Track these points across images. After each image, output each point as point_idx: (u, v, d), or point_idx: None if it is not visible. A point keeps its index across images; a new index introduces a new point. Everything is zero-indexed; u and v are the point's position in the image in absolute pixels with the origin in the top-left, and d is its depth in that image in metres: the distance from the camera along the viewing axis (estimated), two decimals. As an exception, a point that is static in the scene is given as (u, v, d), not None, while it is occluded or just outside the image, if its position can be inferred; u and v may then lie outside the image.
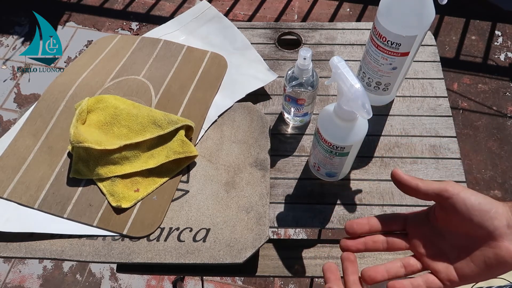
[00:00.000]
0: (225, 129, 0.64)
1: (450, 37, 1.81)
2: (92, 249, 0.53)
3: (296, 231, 1.37)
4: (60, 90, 0.67)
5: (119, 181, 0.57)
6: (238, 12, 1.93)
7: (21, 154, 0.61)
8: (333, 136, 0.50)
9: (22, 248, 0.53)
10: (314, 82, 0.57)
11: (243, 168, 0.59)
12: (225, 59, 0.72)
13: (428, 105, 0.68)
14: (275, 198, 0.60)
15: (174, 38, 0.76)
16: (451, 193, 0.35)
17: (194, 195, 0.57)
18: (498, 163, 1.49)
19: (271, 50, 0.76)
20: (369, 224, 0.39)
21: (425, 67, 0.73)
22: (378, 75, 0.61)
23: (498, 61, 1.74)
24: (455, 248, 0.36)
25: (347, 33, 0.78)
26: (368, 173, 0.62)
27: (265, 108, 0.69)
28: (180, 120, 0.60)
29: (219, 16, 0.78)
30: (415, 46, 0.56)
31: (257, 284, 1.29)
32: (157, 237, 0.54)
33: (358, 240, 0.39)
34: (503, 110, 1.61)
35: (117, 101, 0.62)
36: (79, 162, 0.58)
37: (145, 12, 1.93)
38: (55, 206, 0.56)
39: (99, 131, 0.60)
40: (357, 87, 0.44)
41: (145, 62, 0.72)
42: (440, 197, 0.36)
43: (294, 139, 0.66)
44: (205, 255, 0.52)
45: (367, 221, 0.39)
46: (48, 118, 0.65)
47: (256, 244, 0.52)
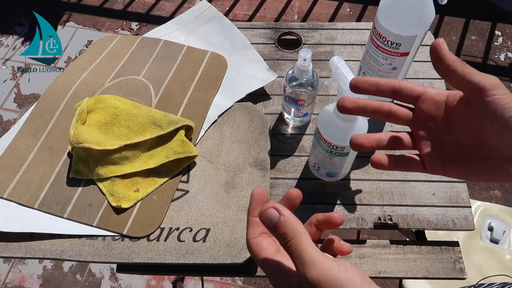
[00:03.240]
0: (225, 129, 0.64)
1: (450, 37, 1.81)
2: (92, 249, 0.53)
3: (296, 231, 1.37)
4: (60, 90, 0.67)
5: (119, 181, 0.57)
6: (238, 12, 1.92)
7: (21, 154, 0.61)
8: (333, 136, 0.50)
9: (22, 248, 0.53)
10: (314, 83, 0.57)
11: (243, 168, 0.59)
12: (225, 59, 0.72)
13: (428, 105, 0.68)
14: (275, 198, 0.60)
15: (174, 38, 0.76)
16: (488, 93, 0.29)
17: (194, 195, 0.57)
18: (498, 163, 1.48)
19: (271, 50, 0.76)
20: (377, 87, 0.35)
21: (425, 67, 0.73)
22: (378, 75, 0.61)
23: (498, 61, 1.74)
24: (456, 145, 0.33)
25: (347, 33, 0.78)
26: (368, 173, 0.62)
27: (265, 108, 0.69)
28: (180, 120, 0.60)
29: (219, 16, 0.78)
30: (415, 46, 0.56)
31: (257, 284, 1.29)
32: (157, 237, 0.54)
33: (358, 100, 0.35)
34: (503, 110, 1.61)
35: (117, 101, 0.62)
36: (79, 162, 0.58)
37: (145, 12, 1.93)
38: (55, 206, 0.56)
39: (99, 131, 0.60)
40: (357, 87, 0.44)
41: (145, 62, 0.72)
42: (473, 93, 0.30)
43: (294, 139, 0.66)
44: (205, 255, 0.52)
45: (376, 81, 0.35)
46: (48, 118, 0.65)
47: (256, 244, 0.52)
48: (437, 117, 0.34)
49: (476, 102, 0.30)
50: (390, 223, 0.57)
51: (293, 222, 0.28)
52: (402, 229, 0.58)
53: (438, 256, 0.56)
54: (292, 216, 0.28)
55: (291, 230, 0.28)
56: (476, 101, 0.30)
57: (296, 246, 0.27)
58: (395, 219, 0.58)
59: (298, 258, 0.27)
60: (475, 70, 0.30)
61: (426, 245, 0.58)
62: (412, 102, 0.35)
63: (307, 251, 0.27)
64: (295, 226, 0.28)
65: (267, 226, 0.29)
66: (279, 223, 0.28)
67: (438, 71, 0.32)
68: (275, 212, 0.28)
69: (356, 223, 0.57)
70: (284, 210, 0.28)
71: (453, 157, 0.33)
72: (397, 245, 0.57)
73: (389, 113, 0.35)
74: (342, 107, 0.36)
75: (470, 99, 0.31)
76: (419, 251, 0.57)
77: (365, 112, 0.35)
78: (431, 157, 0.34)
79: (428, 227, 0.57)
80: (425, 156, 0.34)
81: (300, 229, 0.28)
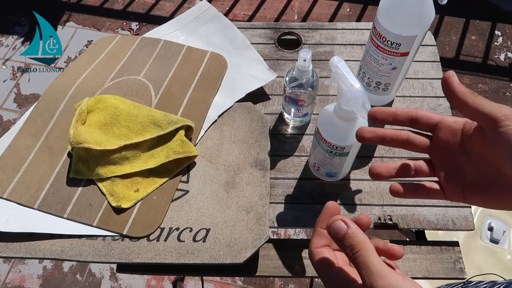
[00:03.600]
0: (225, 129, 0.64)
1: (450, 37, 1.81)
2: (92, 249, 0.53)
3: (296, 231, 1.37)
4: (60, 90, 0.67)
5: (119, 181, 0.57)
6: (238, 12, 1.92)
7: (21, 154, 0.61)
8: (333, 136, 0.50)
9: (22, 248, 0.53)
10: (314, 83, 0.57)
11: (243, 168, 0.59)
12: (225, 59, 0.72)
13: (428, 105, 0.68)
14: (275, 198, 0.60)
15: (174, 38, 0.76)
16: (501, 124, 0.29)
17: (194, 195, 0.57)
18: (498, 163, 1.49)
19: (271, 50, 0.76)
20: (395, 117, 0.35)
21: (425, 67, 0.73)
22: (378, 75, 0.61)
23: (498, 61, 1.74)
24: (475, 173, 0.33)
25: (347, 33, 0.78)
26: (368, 173, 0.62)
27: (265, 108, 0.69)
28: (180, 120, 0.60)
29: (219, 16, 0.78)
30: (415, 46, 0.56)
31: (257, 284, 1.29)
32: (157, 237, 0.54)
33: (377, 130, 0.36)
34: (503, 110, 1.61)
35: (117, 101, 0.62)
36: (79, 162, 0.58)
37: (145, 12, 1.93)
38: (55, 206, 0.56)
39: (99, 131, 0.60)
40: (357, 87, 0.44)
41: (145, 62, 0.72)
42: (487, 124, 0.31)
43: (294, 139, 0.66)
44: (205, 255, 0.52)
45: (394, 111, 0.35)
46: (48, 118, 0.65)
47: (256, 244, 0.52)
48: (455, 145, 0.34)
49: (490, 132, 0.31)
50: (390, 223, 0.57)
51: (360, 235, 0.29)
52: (402, 229, 0.58)
53: (438, 256, 0.56)
54: (359, 230, 0.30)
55: (358, 242, 0.29)
56: (490, 131, 0.30)
57: (363, 257, 0.28)
58: (395, 219, 0.58)
59: (365, 269, 0.28)
60: (486, 101, 0.31)
61: (426, 245, 0.58)
62: (429, 131, 0.36)
63: (374, 263, 0.28)
64: (362, 239, 0.29)
65: (334, 237, 0.30)
66: (347, 235, 0.29)
67: (450, 103, 0.33)
68: (343, 224, 0.30)
69: (356, 223, 0.57)
70: (352, 224, 0.30)
71: (472, 185, 0.33)
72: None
73: (407, 141, 0.36)
74: (361, 138, 0.37)
75: (484, 130, 0.31)
76: (419, 251, 0.57)
77: (383, 141, 0.37)
78: (450, 184, 0.35)
79: (428, 227, 0.57)
80: (444, 184, 0.35)
81: (367, 242, 0.29)
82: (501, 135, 0.29)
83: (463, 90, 0.31)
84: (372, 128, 0.36)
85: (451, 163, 0.35)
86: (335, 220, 0.30)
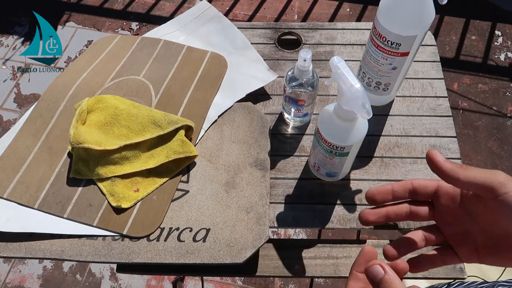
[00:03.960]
0: (225, 129, 0.64)
1: (450, 37, 1.81)
2: (92, 249, 0.53)
3: (296, 231, 1.37)
4: (60, 90, 0.68)
5: (119, 181, 0.57)
6: (238, 12, 1.92)
7: (21, 154, 0.61)
8: (333, 136, 0.50)
9: (22, 248, 0.53)
10: (314, 83, 0.57)
11: (243, 168, 0.59)
12: (225, 59, 0.72)
13: (428, 105, 0.68)
14: (275, 198, 0.60)
15: (174, 38, 0.76)
16: (499, 193, 0.30)
17: (194, 195, 0.57)
18: (498, 163, 1.49)
19: (271, 50, 0.76)
20: (393, 194, 0.36)
21: (425, 67, 0.73)
22: (378, 75, 0.61)
23: (498, 61, 1.74)
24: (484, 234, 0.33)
25: (347, 33, 0.78)
26: (368, 173, 0.62)
27: (265, 108, 0.69)
28: (180, 120, 0.60)
29: (219, 16, 0.78)
30: (415, 46, 0.56)
31: (257, 284, 1.29)
32: (157, 237, 0.54)
33: (380, 211, 0.36)
34: (503, 110, 1.61)
35: (117, 101, 0.62)
36: (79, 162, 0.58)
37: (145, 12, 1.93)
38: (55, 206, 0.56)
39: (99, 131, 0.60)
40: (357, 87, 0.44)
41: (145, 62, 0.72)
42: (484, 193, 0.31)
43: (294, 139, 0.66)
44: (205, 255, 0.52)
45: (390, 189, 0.36)
46: (48, 118, 0.65)
47: (256, 244, 0.52)
48: (457, 209, 0.35)
49: (489, 201, 0.31)
50: (390, 223, 0.57)
51: (397, 281, 0.30)
52: (402, 229, 0.58)
53: (438, 256, 0.56)
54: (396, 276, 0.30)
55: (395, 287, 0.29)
56: (489, 200, 0.31)
57: None
58: (395, 219, 0.58)
59: None
60: (477, 170, 0.31)
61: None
62: (429, 199, 0.36)
63: None
64: (398, 285, 0.29)
65: (372, 281, 0.31)
66: (384, 280, 0.30)
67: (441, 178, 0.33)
68: (380, 269, 0.30)
69: (356, 223, 0.57)
70: (389, 270, 0.30)
71: (484, 246, 0.34)
72: (397, 245, 0.57)
73: (410, 214, 0.37)
74: (365, 221, 0.37)
75: (482, 198, 0.32)
76: (419, 251, 0.57)
77: (389, 219, 0.37)
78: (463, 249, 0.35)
79: (428, 227, 0.57)
80: (457, 248, 0.35)
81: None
82: (501, 204, 0.30)
83: (450, 166, 0.32)
84: (374, 210, 0.37)
85: (458, 227, 0.35)
86: (374, 264, 0.31)
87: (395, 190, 0.36)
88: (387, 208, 0.37)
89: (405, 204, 0.37)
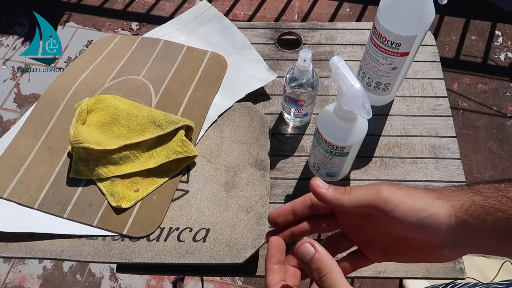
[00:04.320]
0: (225, 129, 0.64)
1: (450, 37, 1.81)
2: (92, 249, 0.53)
3: (296, 231, 1.37)
4: (60, 90, 0.67)
5: (119, 181, 0.57)
6: (238, 12, 1.92)
7: (21, 154, 0.61)
8: (333, 136, 0.50)
9: (22, 248, 0.53)
10: (314, 83, 0.57)
11: (243, 168, 0.59)
12: (225, 59, 0.72)
13: (428, 105, 0.68)
14: (275, 198, 0.60)
15: (174, 38, 0.76)
16: (386, 210, 0.30)
17: (194, 195, 0.57)
18: (498, 163, 1.49)
19: (271, 50, 0.76)
20: (294, 213, 0.36)
21: (425, 67, 0.73)
22: (378, 75, 0.61)
23: (498, 61, 1.74)
24: (387, 237, 0.34)
25: (347, 33, 0.78)
26: (368, 173, 0.62)
27: (265, 108, 0.69)
28: (180, 120, 0.60)
29: (219, 16, 0.78)
30: (415, 46, 0.56)
31: (257, 284, 1.29)
32: (157, 237, 0.54)
33: (284, 233, 0.36)
34: (503, 110, 1.61)
35: (117, 101, 0.62)
36: (79, 162, 0.58)
37: (145, 12, 1.93)
38: (55, 206, 0.56)
39: (99, 131, 0.60)
40: (357, 87, 0.44)
41: (145, 62, 0.72)
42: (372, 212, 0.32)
43: (294, 139, 0.66)
44: (205, 255, 0.52)
45: (290, 208, 0.35)
46: (48, 118, 0.65)
47: (256, 244, 0.52)
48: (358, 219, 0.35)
49: (381, 217, 0.31)
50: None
51: (328, 258, 0.29)
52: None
53: (438, 256, 0.56)
54: (327, 253, 0.30)
55: (326, 265, 0.29)
56: (380, 217, 0.31)
57: (330, 281, 0.28)
58: (395, 219, 0.58)
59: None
60: (360, 191, 0.31)
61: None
62: (329, 212, 0.36)
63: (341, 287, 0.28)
64: (329, 262, 0.29)
65: (302, 261, 0.30)
66: (314, 258, 0.29)
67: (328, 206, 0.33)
68: (310, 248, 0.30)
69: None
70: (319, 247, 0.30)
71: (390, 247, 0.34)
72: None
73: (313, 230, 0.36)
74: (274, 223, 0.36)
75: (374, 216, 0.32)
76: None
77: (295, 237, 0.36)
78: (372, 251, 0.35)
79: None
80: (366, 252, 0.36)
81: (334, 266, 0.29)
82: (391, 219, 0.30)
83: (332, 195, 0.32)
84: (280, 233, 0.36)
85: (362, 234, 0.35)
86: (303, 243, 0.30)
87: (295, 209, 0.36)
88: (290, 229, 0.36)
89: (304, 223, 0.36)
